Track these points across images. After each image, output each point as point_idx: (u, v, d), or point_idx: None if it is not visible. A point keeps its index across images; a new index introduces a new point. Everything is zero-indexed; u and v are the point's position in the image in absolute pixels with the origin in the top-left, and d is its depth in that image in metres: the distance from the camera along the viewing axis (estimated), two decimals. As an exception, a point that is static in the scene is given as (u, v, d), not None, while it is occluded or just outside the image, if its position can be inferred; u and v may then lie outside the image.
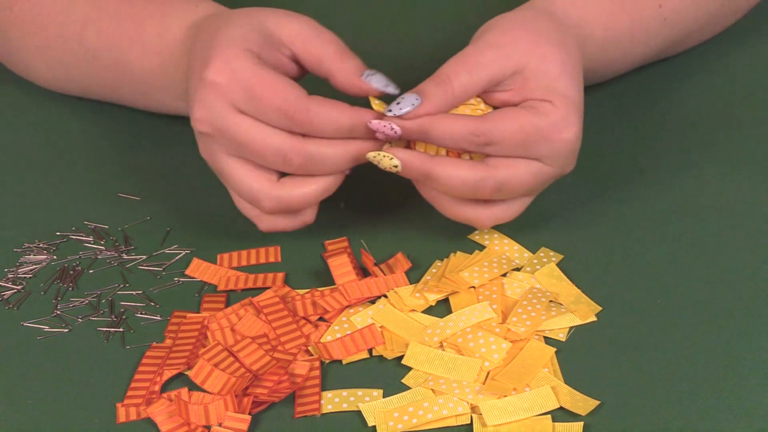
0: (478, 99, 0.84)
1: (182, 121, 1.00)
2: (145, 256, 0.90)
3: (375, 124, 0.82)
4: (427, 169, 0.83)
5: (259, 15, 0.86)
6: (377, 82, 0.84)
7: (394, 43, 1.07)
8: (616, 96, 1.02)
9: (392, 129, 0.82)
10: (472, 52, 0.84)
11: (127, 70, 0.95)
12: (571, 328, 0.83)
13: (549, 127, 0.82)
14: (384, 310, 0.84)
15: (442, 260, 0.88)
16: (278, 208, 0.84)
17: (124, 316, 0.86)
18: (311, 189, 0.84)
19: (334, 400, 0.79)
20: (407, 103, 0.82)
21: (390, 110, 0.82)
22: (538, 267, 0.87)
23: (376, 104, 0.84)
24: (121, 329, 0.85)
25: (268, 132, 0.83)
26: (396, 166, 0.83)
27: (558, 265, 0.87)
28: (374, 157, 0.83)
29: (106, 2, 0.96)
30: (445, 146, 0.83)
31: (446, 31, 1.09)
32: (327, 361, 0.82)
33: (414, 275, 0.87)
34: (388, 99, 0.84)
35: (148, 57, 0.93)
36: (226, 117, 0.83)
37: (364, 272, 0.88)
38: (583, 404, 0.78)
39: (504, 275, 0.87)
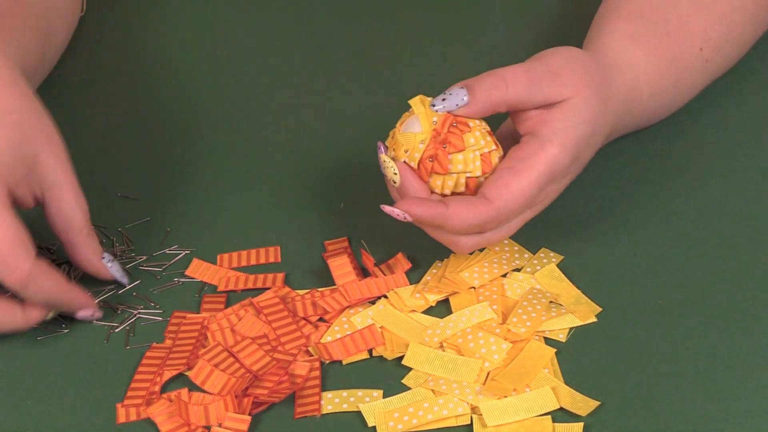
0: (484, 125, 0.84)
1: (183, 121, 1.00)
2: (145, 257, 0.90)
3: (387, 209, 0.82)
4: (440, 222, 0.82)
5: (34, 145, 0.83)
6: (115, 270, 0.86)
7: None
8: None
9: (404, 217, 0.81)
10: (535, 68, 0.84)
11: None
12: (571, 328, 0.83)
13: (543, 179, 0.82)
14: (384, 311, 0.84)
15: (442, 260, 0.88)
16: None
17: (124, 317, 0.86)
18: None
19: (334, 401, 0.79)
20: (453, 101, 0.82)
21: (433, 104, 0.82)
22: (538, 267, 0.87)
23: (417, 99, 0.83)
24: (121, 329, 0.85)
25: None
26: (395, 182, 0.83)
27: (558, 265, 0.87)
28: (384, 161, 0.83)
29: None
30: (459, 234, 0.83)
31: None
32: (327, 362, 0.82)
33: (414, 276, 0.87)
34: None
35: None
36: None
37: (364, 272, 0.88)
38: (583, 405, 0.78)
39: (504, 276, 0.87)
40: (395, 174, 0.82)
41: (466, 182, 0.82)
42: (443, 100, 0.82)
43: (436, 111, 0.82)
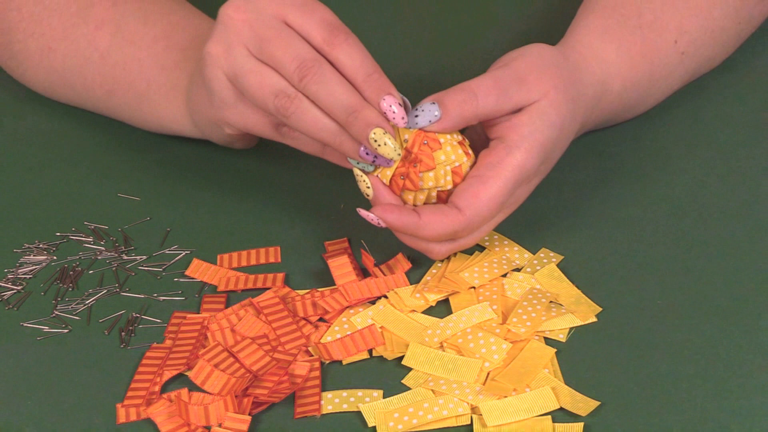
0: (455, 135, 0.84)
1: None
2: (145, 257, 0.90)
3: (363, 213, 0.83)
4: (412, 231, 0.83)
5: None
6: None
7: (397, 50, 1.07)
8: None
9: (378, 222, 0.83)
10: (502, 76, 0.84)
11: (131, 68, 0.94)
12: (571, 328, 0.83)
13: (511, 184, 0.83)
14: (384, 311, 0.84)
15: (442, 261, 0.88)
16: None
17: (125, 317, 0.86)
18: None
19: (334, 401, 0.79)
20: (426, 117, 0.82)
21: (407, 123, 0.82)
22: (538, 268, 0.87)
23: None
24: (121, 330, 0.85)
25: (269, 72, 0.82)
26: (368, 195, 0.84)
27: (558, 265, 0.87)
28: (358, 175, 0.84)
29: (127, 5, 0.96)
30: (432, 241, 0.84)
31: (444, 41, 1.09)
32: (327, 362, 0.82)
33: (414, 276, 0.87)
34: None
35: (156, 55, 0.94)
36: (238, 55, 0.83)
37: (364, 273, 0.88)
38: (584, 405, 0.78)
39: (504, 276, 0.87)
40: (368, 188, 0.83)
41: (438, 194, 0.84)
42: (416, 116, 0.82)
43: (409, 128, 0.82)
